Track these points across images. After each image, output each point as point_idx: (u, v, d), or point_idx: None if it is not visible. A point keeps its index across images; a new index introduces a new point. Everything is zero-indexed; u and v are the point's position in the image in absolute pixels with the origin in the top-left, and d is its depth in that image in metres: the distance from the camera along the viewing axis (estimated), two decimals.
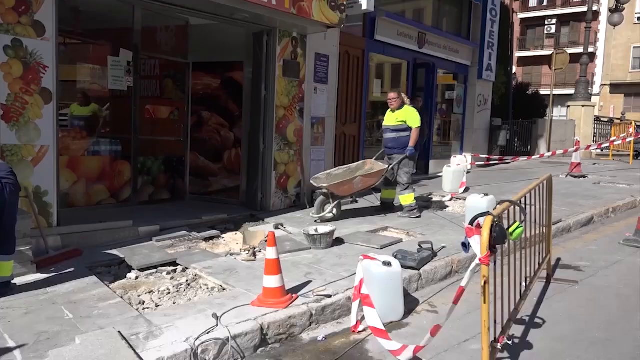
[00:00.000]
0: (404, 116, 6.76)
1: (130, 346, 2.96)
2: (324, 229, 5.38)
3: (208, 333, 3.23)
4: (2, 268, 3.88)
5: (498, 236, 2.66)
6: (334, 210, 6.51)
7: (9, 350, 2.99)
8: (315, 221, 6.27)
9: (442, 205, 7.99)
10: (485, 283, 2.62)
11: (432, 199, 8.53)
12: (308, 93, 7.77)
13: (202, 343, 3.13)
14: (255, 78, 7.34)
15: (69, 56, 6.86)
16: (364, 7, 7.98)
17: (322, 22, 6.96)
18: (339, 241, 5.55)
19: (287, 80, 7.32)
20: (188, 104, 7.83)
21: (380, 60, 10.97)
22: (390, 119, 6.92)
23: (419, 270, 4.66)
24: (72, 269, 4.48)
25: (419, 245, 5.09)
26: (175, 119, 7.85)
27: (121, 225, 5.60)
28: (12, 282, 3.99)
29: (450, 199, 8.39)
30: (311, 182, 6.45)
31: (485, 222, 2.64)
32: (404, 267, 4.28)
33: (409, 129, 6.77)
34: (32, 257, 4.36)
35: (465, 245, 2.77)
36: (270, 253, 3.76)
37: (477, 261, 2.65)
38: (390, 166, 6.85)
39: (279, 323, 3.53)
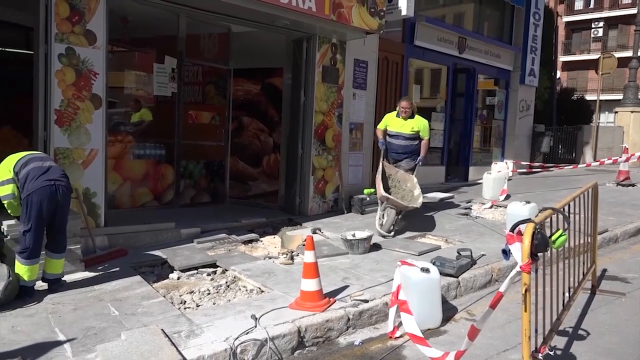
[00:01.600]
0: (418, 126, 6.74)
1: (173, 344, 3.05)
2: (362, 234, 5.39)
3: (247, 334, 3.29)
4: (53, 265, 4.08)
5: (540, 244, 2.61)
6: (396, 222, 6.34)
7: (60, 343, 3.13)
8: (384, 236, 6.02)
9: (481, 213, 7.85)
10: (526, 291, 2.57)
11: (471, 206, 8.40)
12: (347, 98, 7.81)
13: (241, 343, 3.20)
14: (294, 84, 7.43)
15: (116, 63, 7.14)
16: (404, 12, 7.96)
17: (362, 28, 7.00)
18: (376, 247, 5.54)
19: (326, 86, 7.39)
20: (229, 109, 8.00)
21: (419, 66, 10.90)
22: (402, 126, 6.76)
23: (457, 277, 4.60)
24: (118, 268, 4.65)
25: (458, 253, 5.03)
26: (216, 124, 8.03)
27: (164, 227, 5.77)
28: (63, 279, 4.19)
29: (491, 207, 8.22)
30: (393, 201, 6.12)
31: (527, 229, 2.60)
32: (442, 274, 4.24)
33: (419, 138, 6.80)
34: (81, 256, 4.56)
35: (506, 253, 2.72)
36: (309, 257, 3.80)
37: (517, 269, 2.61)
38: (409, 173, 6.86)
39: (316, 326, 3.56)
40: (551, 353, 3.09)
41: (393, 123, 6.82)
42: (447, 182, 10.75)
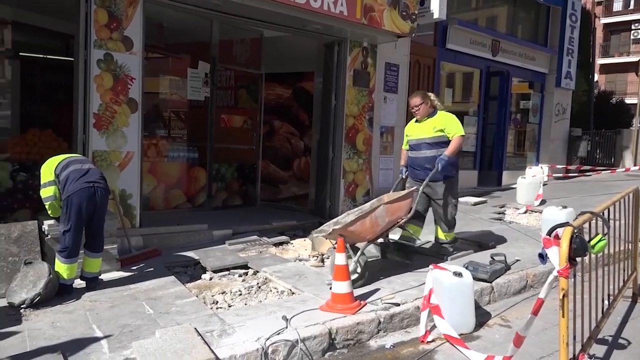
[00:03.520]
0: (441, 123, 4.97)
1: (205, 342, 3.09)
2: (393, 237, 5.35)
3: (278, 334, 3.31)
4: (91, 264, 4.19)
5: (578, 248, 2.54)
6: (359, 268, 4.29)
7: (97, 339, 3.22)
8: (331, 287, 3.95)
9: (515, 218, 7.69)
10: (563, 296, 2.50)
11: (505, 210, 8.24)
12: (377, 102, 7.79)
13: (273, 344, 3.21)
14: (325, 88, 7.46)
15: (151, 69, 7.31)
16: (436, 15, 7.90)
17: (393, 32, 6.97)
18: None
19: (357, 90, 7.39)
20: (260, 113, 8.08)
21: (451, 69, 10.78)
22: (422, 131, 5.05)
23: (491, 282, 4.52)
24: (152, 268, 4.75)
25: (491, 257, 4.94)
26: (248, 128, 8.13)
27: (197, 228, 5.86)
28: (100, 277, 4.30)
29: (525, 212, 8.05)
30: (314, 235, 4.51)
31: (565, 233, 2.53)
32: (475, 279, 4.17)
33: (449, 140, 4.96)
34: (117, 256, 4.67)
35: (543, 257, 2.66)
36: (340, 259, 3.79)
37: (555, 273, 2.54)
38: (422, 186, 4.87)
39: (347, 328, 3.55)
40: None
41: (412, 131, 5.22)
42: (480, 187, 10.57)
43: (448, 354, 3.47)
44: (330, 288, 3.90)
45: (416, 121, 5.19)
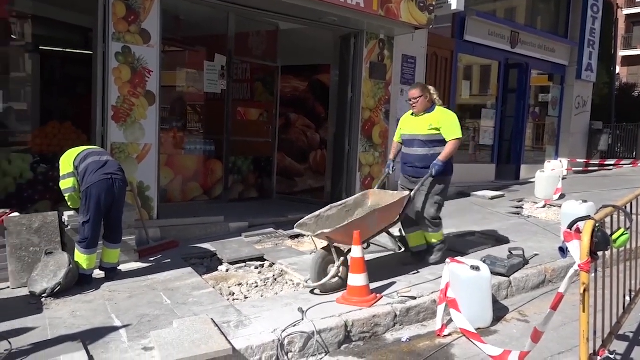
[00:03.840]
0: (438, 121, 4.58)
1: (222, 333, 3.11)
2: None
3: (294, 326, 3.31)
4: (110, 255, 4.25)
5: (600, 242, 2.49)
6: (341, 270, 4.02)
7: (116, 328, 3.26)
8: (312, 291, 3.98)
9: (534, 212, 7.59)
10: (584, 291, 2.46)
11: (523, 205, 8.14)
12: (394, 95, 7.74)
13: (289, 335, 3.22)
14: (341, 80, 7.42)
15: (169, 62, 7.35)
16: (454, 7, 7.80)
17: (410, 24, 6.90)
18: None
19: (373, 82, 7.34)
20: (276, 106, 8.08)
21: (469, 62, 10.64)
22: (416, 126, 4.69)
23: (508, 277, 4.47)
24: (169, 260, 4.80)
25: (509, 252, 4.88)
26: (264, 121, 8.14)
27: (213, 220, 5.90)
28: (118, 268, 4.36)
29: (544, 206, 7.94)
30: (296, 229, 4.15)
31: (586, 226, 2.49)
32: (493, 273, 4.12)
33: (444, 140, 4.59)
34: (135, 247, 4.73)
35: (563, 250, 2.62)
36: (356, 252, 3.78)
37: (576, 267, 2.50)
38: (414, 191, 4.54)
39: (363, 321, 3.55)
40: (611, 357, 2.94)
41: (406, 125, 4.83)
42: (498, 181, 10.45)
43: (465, 348, 3.44)
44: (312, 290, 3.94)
45: (412, 114, 4.80)
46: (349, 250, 4.02)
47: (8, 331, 3.10)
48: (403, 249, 4.85)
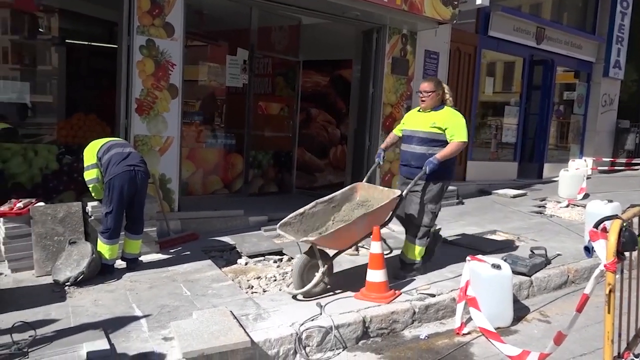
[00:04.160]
0: (443, 121, 4.16)
1: (241, 325, 3.13)
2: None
3: (312, 320, 3.32)
4: (132, 246, 4.30)
5: (627, 242, 2.43)
6: (326, 278, 3.84)
7: (137, 318, 3.31)
8: (295, 297, 3.74)
9: (557, 212, 7.47)
10: (610, 291, 2.40)
11: (546, 204, 8.00)
12: (416, 90, 7.64)
13: (307, 329, 3.23)
14: (363, 75, 7.38)
15: (191, 56, 7.40)
16: (479, 1, 7.68)
17: (434, 18, 6.83)
18: (443, 242, 5.39)
19: (395, 78, 7.28)
20: (297, 101, 8.08)
21: (493, 58, 10.48)
22: (418, 122, 4.31)
23: (530, 276, 4.41)
24: (189, 252, 4.84)
25: (531, 251, 4.82)
26: (285, 116, 8.14)
27: (233, 214, 5.93)
28: (140, 259, 4.41)
29: (567, 205, 7.80)
30: (279, 230, 3.85)
31: (613, 226, 2.43)
32: (514, 272, 4.06)
33: (446, 140, 4.17)
34: (156, 238, 4.78)
35: (589, 250, 2.56)
36: (375, 247, 3.76)
37: (601, 267, 2.44)
38: (405, 191, 4.12)
39: (381, 317, 3.54)
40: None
41: (409, 119, 4.49)
42: (520, 179, 10.29)
43: (484, 347, 3.41)
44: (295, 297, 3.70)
45: (419, 110, 4.43)
46: (335, 255, 3.93)
47: (32, 318, 3.16)
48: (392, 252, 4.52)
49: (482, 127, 10.49)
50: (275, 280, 4.31)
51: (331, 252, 3.96)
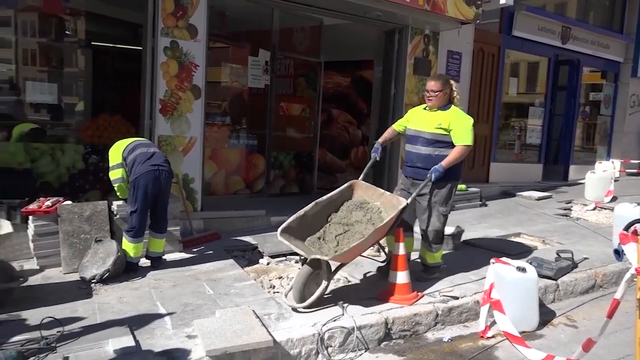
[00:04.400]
0: (449, 122, 4.00)
1: (263, 324, 3.14)
2: (451, 230, 5.22)
3: (334, 321, 3.31)
4: (156, 244, 4.36)
5: None
6: (326, 286, 3.62)
7: (161, 316, 3.35)
8: (296, 310, 3.50)
9: (583, 214, 7.32)
10: None
11: (572, 207, 7.85)
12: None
13: (329, 329, 3.23)
14: (385, 76, 7.35)
15: (213, 57, 7.45)
16: (502, 0, 7.58)
17: (457, 18, 6.76)
18: (466, 244, 5.35)
19: (417, 78, 7.23)
20: (319, 101, 8.07)
21: (516, 58, 10.33)
22: (423, 122, 4.14)
23: (556, 280, 4.32)
24: (212, 251, 4.87)
25: (557, 254, 4.72)
26: (306, 116, 8.15)
27: (255, 214, 5.96)
28: (163, 257, 4.46)
29: (594, 208, 7.64)
30: (281, 238, 3.72)
31: None
32: (539, 275, 3.99)
33: (451, 142, 4.03)
34: (180, 237, 4.83)
35: (619, 253, 2.51)
36: (399, 249, 3.74)
37: (632, 271, 2.38)
38: (410, 198, 3.95)
39: (403, 319, 3.51)
40: None
41: (414, 118, 4.28)
42: (544, 181, 10.12)
43: (509, 351, 3.35)
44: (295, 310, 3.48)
45: (424, 108, 4.24)
46: (338, 269, 3.75)
47: (60, 314, 3.22)
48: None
49: (506, 128, 10.34)
50: None
51: (334, 265, 3.71)
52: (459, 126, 3.99)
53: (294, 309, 3.50)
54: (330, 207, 4.05)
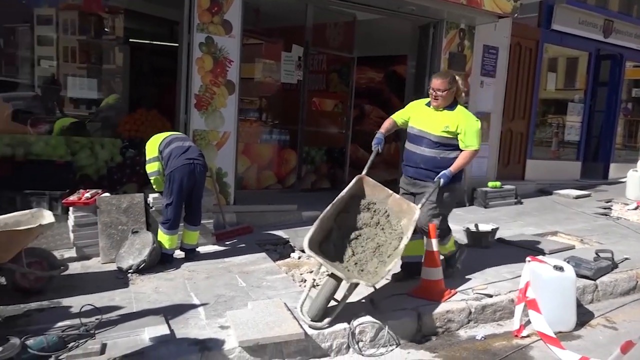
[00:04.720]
0: (456, 125, 3.81)
1: (295, 317, 3.16)
2: (486, 226, 5.14)
3: (365, 316, 3.30)
4: (190, 236, 4.44)
5: None
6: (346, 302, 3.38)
7: (195, 306, 3.41)
8: (315, 327, 3.17)
9: (624, 214, 7.07)
10: None
11: (612, 206, 7.60)
12: (473, 87, 7.46)
13: (360, 324, 3.22)
14: (418, 71, 7.26)
15: (247, 53, 7.50)
16: None
17: (494, 12, 6.61)
18: (501, 242, 5.25)
19: None
20: (351, 97, 8.04)
21: (555, 53, 10.04)
22: (429, 122, 3.90)
23: (595, 280, 4.20)
24: (244, 244, 4.93)
25: (596, 254, 4.58)
26: (338, 112, 8.14)
27: (287, 208, 6.00)
28: (197, 249, 4.54)
29: (636, 208, 7.37)
30: (310, 253, 3.37)
31: None
32: (577, 275, 3.88)
33: (458, 146, 3.87)
34: (213, 230, 4.90)
35: None
36: (431, 245, 3.69)
37: None
38: (420, 204, 3.68)
39: (436, 316, 3.47)
40: None
41: (417, 115, 4.01)
42: (583, 179, 9.82)
43: (544, 351, 3.28)
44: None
45: (427, 104, 4.00)
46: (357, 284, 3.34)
47: (98, 302, 3.32)
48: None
49: (543, 124, 10.08)
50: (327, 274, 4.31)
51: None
52: (468, 130, 3.80)
53: (314, 328, 3.13)
54: (340, 207, 3.80)
